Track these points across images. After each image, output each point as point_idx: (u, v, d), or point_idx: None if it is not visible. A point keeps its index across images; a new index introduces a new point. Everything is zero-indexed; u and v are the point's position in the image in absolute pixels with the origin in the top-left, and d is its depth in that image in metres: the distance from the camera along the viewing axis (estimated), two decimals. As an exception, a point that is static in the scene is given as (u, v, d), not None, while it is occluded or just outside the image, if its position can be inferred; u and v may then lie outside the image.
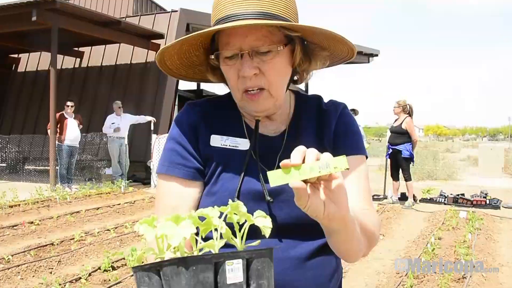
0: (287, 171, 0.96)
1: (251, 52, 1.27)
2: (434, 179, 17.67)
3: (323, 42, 1.40)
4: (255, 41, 1.26)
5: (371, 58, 23.02)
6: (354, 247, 1.25)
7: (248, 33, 1.26)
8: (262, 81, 1.29)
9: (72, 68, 18.12)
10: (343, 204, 1.04)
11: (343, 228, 1.13)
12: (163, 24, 16.14)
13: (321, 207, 1.02)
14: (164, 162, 1.40)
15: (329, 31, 1.27)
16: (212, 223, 0.90)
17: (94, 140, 15.54)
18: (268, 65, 1.28)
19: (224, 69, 1.34)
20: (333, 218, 1.04)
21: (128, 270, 5.53)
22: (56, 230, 7.76)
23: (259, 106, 1.33)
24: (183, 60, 1.44)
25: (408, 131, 10.57)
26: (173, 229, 0.83)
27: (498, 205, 10.58)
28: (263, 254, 0.88)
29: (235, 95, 1.36)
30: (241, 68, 1.27)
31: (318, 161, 0.96)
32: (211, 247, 0.88)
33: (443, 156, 28.98)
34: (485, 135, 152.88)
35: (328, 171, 0.95)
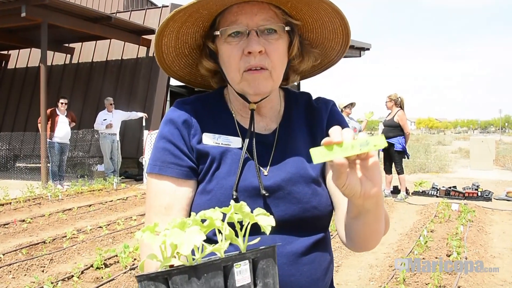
0: (330, 148, 0.98)
1: (258, 31, 1.31)
2: (426, 171, 17.75)
3: (318, 36, 1.46)
4: (263, 21, 1.31)
5: (363, 52, 23.02)
6: (380, 228, 1.27)
7: (257, 12, 1.31)
8: (266, 61, 1.32)
9: (63, 64, 18.00)
10: (378, 182, 1.06)
11: (375, 207, 1.14)
12: (154, 20, 16.07)
13: (358, 185, 1.04)
14: (156, 161, 1.38)
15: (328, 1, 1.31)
16: (215, 225, 0.89)
17: (86, 137, 15.48)
18: (273, 46, 1.32)
19: (225, 48, 1.34)
20: (368, 196, 1.06)
21: (121, 267, 5.51)
22: (48, 228, 7.73)
23: (259, 85, 1.34)
24: (178, 42, 1.43)
25: (400, 124, 10.59)
26: (182, 236, 0.81)
27: (489, 197, 10.63)
28: (268, 253, 0.89)
29: (234, 76, 1.35)
30: (248, 45, 1.30)
31: (358, 139, 0.98)
32: (217, 251, 0.87)
33: (435, 148, 29.10)
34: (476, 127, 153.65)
35: (368, 148, 0.97)
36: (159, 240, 0.82)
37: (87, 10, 14.29)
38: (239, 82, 1.35)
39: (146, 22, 16.01)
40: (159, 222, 1.32)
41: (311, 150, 0.99)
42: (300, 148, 1.42)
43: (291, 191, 1.35)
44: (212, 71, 1.48)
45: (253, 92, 1.36)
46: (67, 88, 17.03)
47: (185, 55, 1.49)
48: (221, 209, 0.91)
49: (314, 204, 1.36)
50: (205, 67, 1.47)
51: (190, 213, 1.36)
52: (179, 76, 1.57)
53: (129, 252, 5.71)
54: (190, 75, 1.57)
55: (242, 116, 1.45)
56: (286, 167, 1.38)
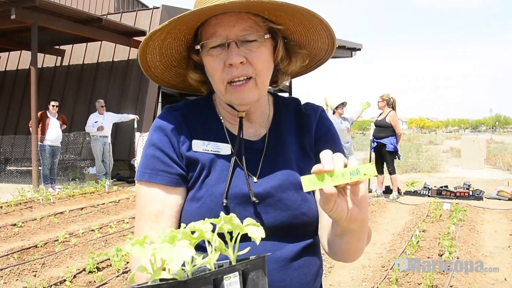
0: (320, 176, 0.99)
1: (237, 42, 1.29)
2: (418, 171, 17.82)
3: (302, 37, 1.45)
4: (241, 31, 1.30)
5: (354, 52, 23.08)
6: (362, 247, 1.29)
7: (235, 23, 1.30)
8: (249, 69, 1.31)
9: (53, 66, 17.90)
10: (365, 208, 1.07)
11: (359, 229, 1.16)
12: (145, 21, 16.03)
13: (345, 210, 1.04)
14: (145, 169, 1.37)
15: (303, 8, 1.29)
16: (205, 237, 0.88)
17: (77, 140, 15.39)
18: (254, 54, 1.31)
19: (208, 61, 1.34)
20: (354, 220, 1.06)
21: (114, 271, 5.50)
22: (40, 232, 7.69)
23: (245, 96, 1.33)
24: (163, 56, 1.43)
25: (392, 124, 10.63)
26: (171, 251, 0.81)
27: (481, 196, 10.70)
28: (258, 264, 0.89)
29: (219, 88, 1.35)
30: (228, 57, 1.29)
31: (348, 167, 0.99)
32: (207, 263, 0.87)
33: (427, 148, 29.24)
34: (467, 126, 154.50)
35: (358, 177, 0.98)
36: (148, 254, 0.81)
37: (78, 12, 14.23)
38: (224, 93, 1.35)
39: (137, 23, 15.97)
40: (149, 230, 1.33)
41: (301, 178, 1.00)
42: (290, 154, 1.43)
43: (281, 198, 1.35)
44: (201, 81, 1.48)
45: (239, 103, 1.36)
46: (58, 91, 16.94)
47: (174, 66, 1.49)
48: (210, 220, 0.90)
49: (304, 210, 1.37)
50: (193, 78, 1.47)
51: (180, 220, 1.37)
52: (173, 84, 1.57)
53: (121, 256, 5.69)
54: (184, 82, 1.57)
55: (231, 123, 1.45)
56: (276, 174, 1.38)
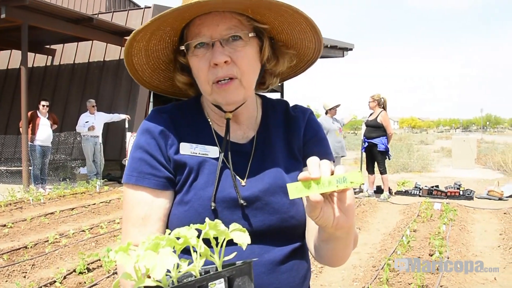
0: (307, 184, 0.98)
1: (222, 41, 1.28)
2: (409, 171, 17.89)
3: (289, 37, 1.44)
4: (226, 30, 1.29)
5: (346, 52, 23.13)
6: (348, 252, 1.29)
7: (219, 22, 1.29)
8: (234, 69, 1.30)
9: (44, 66, 17.82)
10: (351, 215, 1.06)
11: (345, 236, 1.16)
12: (137, 21, 15.99)
13: (331, 218, 1.04)
14: (132, 172, 1.36)
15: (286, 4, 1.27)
16: (190, 243, 0.88)
17: (68, 140, 15.33)
18: (239, 53, 1.30)
19: (193, 61, 1.33)
20: (340, 227, 1.06)
21: (104, 271, 5.47)
22: (30, 232, 7.65)
23: (230, 95, 1.33)
24: (150, 59, 1.42)
25: (383, 124, 10.65)
26: (154, 259, 0.80)
27: (471, 196, 10.76)
28: (243, 270, 0.89)
29: (205, 89, 1.34)
30: (213, 56, 1.28)
31: (335, 175, 0.99)
32: (192, 270, 0.87)
33: (418, 148, 29.35)
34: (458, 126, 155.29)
35: (345, 185, 0.98)
36: (132, 261, 0.81)
37: (69, 11, 14.16)
38: (210, 93, 1.34)
39: (129, 23, 15.92)
40: (137, 233, 1.33)
41: (287, 185, 0.99)
42: (278, 157, 1.42)
43: (269, 202, 1.35)
44: (188, 84, 1.47)
45: (225, 103, 1.35)
46: (48, 90, 16.87)
47: (162, 70, 1.48)
48: (196, 226, 0.90)
49: (292, 214, 1.36)
50: (180, 81, 1.46)
51: (167, 224, 1.36)
52: (162, 89, 1.55)
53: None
54: (173, 87, 1.55)
55: (219, 125, 1.44)
56: (264, 177, 1.38)
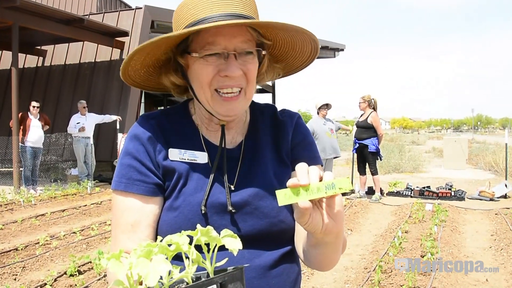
0: (295, 191, 0.99)
1: (236, 54, 1.29)
2: (400, 172, 17.94)
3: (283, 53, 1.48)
4: (241, 43, 1.30)
5: (337, 53, 23.20)
6: (337, 257, 1.30)
7: (237, 34, 1.30)
8: (242, 81, 1.32)
9: (35, 67, 17.75)
10: (340, 221, 1.07)
11: (334, 241, 1.16)
12: (128, 22, 15.94)
13: (320, 223, 1.05)
14: (121, 178, 1.36)
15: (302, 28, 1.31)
16: (182, 249, 0.88)
17: (59, 141, 15.25)
18: (249, 66, 1.32)
19: (200, 66, 1.31)
20: (329, 233, 1.07)
21: (95, 274, 5.45)
22: (21, 234, 7.60)
23: (234, 109, 1.34)
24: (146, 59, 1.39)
25: (373, 125, 10.67)
26: (147, 266, 0.80)
27: (462, 196, 10.79)
28: (236, 276, 0.89)
29: (204, 94, 1.33)
30: (227, 68, 1.28)
31: (324, 181, 0.99)
32: (185, 276, 0.87)
33: (409, 148, 29.46)
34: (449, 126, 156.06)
35: (333, 192, 0.98)
36: (125, 269, 0.80)
37: (59, 12, 14.10)
38: (210, 99, 1.34)
39: (120, 24, 15.88)
40: (126, 240, 1.32)
41: (276, 192, 1.00)
42: (266, 161, 1.43)
43: (258, 206, 1.35)
44: (177, 85, 1.45)
45: (225, 115, 1.35)
46: (39, 91, 16.79)
47: (148, 65, 1.44)
48: (187, 232, 0.90)
49: (281, 218, 1.37)
50: (171, 81, 1.44)
51: (157, 230, 1.36)
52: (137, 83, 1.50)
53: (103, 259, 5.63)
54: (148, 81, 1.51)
55: (208, 130, 1.44)
56: (253, 182, 1.38)
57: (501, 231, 7.47)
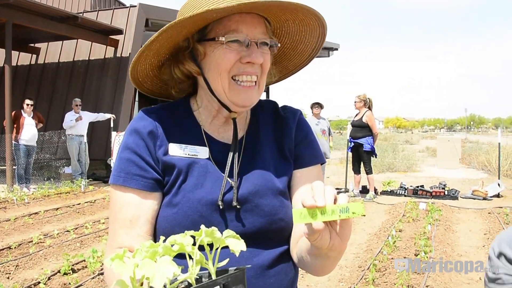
0: (311, 211, 1.00)
1: (258, 43, 1.32)
2: (394, 171, 17.98)
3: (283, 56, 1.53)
4: (261, 34, 1.33)
5: (331, 52, 23.21)
6: (334, 267, 1.31)
7: (257, 25, 1.32)
8: (259, 71, 1.33)
9: (28, 64, 17.67)
10: (346, 239, 1.08)
11: (336, 256, 1.18)
12: (122, 19, 15.89)
13: (327, 241, 1.06)
14: (120, 173, 1.34)
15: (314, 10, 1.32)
16: (186, 250, 0.88)
17: (53, 139, 15.19)
18: (266, 58, 1.34)
19: (222, 52, 1.30)
20: (334, 250, 1.08)
21: (89, 272, 5.43)
22: (14, 232, 7.57)
23: (250, 98, 1.34)
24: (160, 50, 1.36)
25: (369, 124, 10.69)
26: (153, 268, 0.80)
27: (456, 195, 10.84)
28: (238, 277, 0.90)
29: (221, 81, 1.32)
30: (251, 55, 1.30)
31: (339, 204, 1.00)
32: (189, 278, 0.87)
33: (403, 148, 29.52)
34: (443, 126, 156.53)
35: (347, 215, 0.99)
36: (130, 270, 0.80)
37: (53, 9, 14.03)
38: (226, 89, 1.33)
39: (114, 22, 15.81)
40: (124, 235, 1.31)
41: (293, 211, 1.02)
42: (267, 157, 1.42)
43: (259, 204, 1.34)
44: (187, 75, 1.42)
45: (241, 105, 1.35)
46: (33, 89, 16.73)
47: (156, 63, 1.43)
48: (191, 233, 0.90)
49: (281, 216, 1.36)
50: (185, 69, 1.39)
51: (155, 226, 1.35)
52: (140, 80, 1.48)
53: (97, 257, 5.62)
54: (153, 84, 1.52)
55: (210, 125, 1.43)
56: (253, 179, 1.37)
57: (494, 230, 7.50)
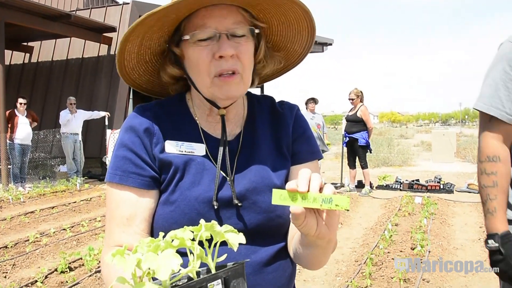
0: (292, 195, 1.00)
1: (228, 34, 1.27)
2: (390, 165, 18.01)
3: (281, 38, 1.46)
4: (233, 24, 1.29)
5: (325, 47, 23.19)
6: (326, 259, 1.32)
7: (227, 15, 1.28)
8: (238, 64, 1.29)
9: (22, 63, 17.60)
10: (334, 227, 1.08)
11: (326, 245, 1.17)
12: (115, 17, 15.82)
13: (314, 227, 1.05)
14: (116, 170, 1.33)
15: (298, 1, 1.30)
16: (186, 245, 0.88)
17: (47, 137, 15.15)
18: (243, 48, 1.30)
19: (194, 52, 1.30)
20: (322, 237, 1.07)
21: (86, 270, 5.42)
22: (10, 232, 7.55)
23: (232, 90, 1.31)
24: (141, 50, 1.38)
25: (363, 119, 10.70)
26: (157, 261, 0.80)
27: (451, 189, 10.87)
28: (238, 271, 0.91)
29: (204, 81, 1.31)
30: (220, 48, 1.26)
31: (322, 194, 0.99)
32: (191, 272, 0.88)
33: (398, 142, 29.58)
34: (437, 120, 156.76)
35: (329, 206, 0.98)
36: (132, 264, 0.80)
37: (46, 8, 13.94)
38: (209, 86, 1.31)
39: (107, 19, 15.76)
40: (121, 233, 1.30)
41: (273, 191, 1.01)
42: (265, 154, 1.41)
43: (256, 201, 1.34)
44: (175, 77, 1.44)
45: (224, 97, 1.33)
46: (26, 88, 16.66)
47: (146, 61, 1.44)
48: (190, 228, 0.90)
49: (278, 213, 1.36)
50: (169, 73, 1.41)
51: (152, 224, 1.34)
52: (137, 84, 1.51)
53: (94, 255, 5.61)
54: (148, 83, 1.52)
55: (206, 122, 1.42)
56: (251, 176, 1.36)
57: (490, 223, 7.52)
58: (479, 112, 1.95)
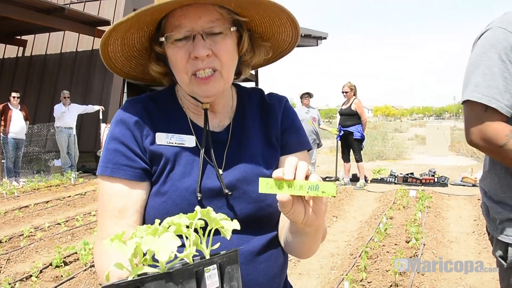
0: (278, 183, 1.01)
1: (203, 34, 1.27)
2: (384, 159, 18.05)
3: (267, 30, 1.45)
4: (207, 23, 1.28)
5: (320, 41, 23.18)
6: (315, 247, 1.33)
7: (201, 15, 1.28)
8: (215, 62, 1.30)
9: (15, 57, 17.50)
10: (321, 214, 1.09)
11: (314, 233, 1.19)
12: (109, 10, 15.77)
13: (302, 215, 1.06)
14: (107, 163, 1.34)
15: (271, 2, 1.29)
16: (182, 231, 0.88)
17: (41, 132, 15.10)
18: (220, 46, 1.30)
19: (172, 52, 1.31)
20: (310, 225, 1.09)
21: (81, 264, 5.42)
22: (4, 226, 7.53)
23: (211, 89, 1.32)
24: (125, 47, 1.39)
25: (358, 112, 10.71)
26: (157, 243, 0.82)
27: (445, 182, 10.91)
28: (232, 257, 0.92)
29: (182, 79, 1.33)
30: (194, 49, 1.27)
31: (308, 181, 1.00)
32: (187, 257, 0.88)
33: (392, 136, 29.63)
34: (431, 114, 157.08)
35: (315, 193, 0.99)
36: (131, 248, 0.81)
37: (40, 1, 13.81)
38: (188, 84, 1.33)
39: (101, 13, 15.69)
40: (114, 226, 1.31)
41: (260, 179, 1.02)
42: (254, 144, 1.43)
43: (246, 191, 1.35)
44: (163, 73, 1.45)
45: (203, 95, 1.34)
46: (20, 82, 16.57)
47: (135, 57, 1.46)
48: (186, 215, 0.91)
49: (269, 202, 1.37)
50: (154, 70, 1.44)
51: (144, 215, 1.35)
52: (133, 76, 1.53)
53: (89, 249, 5.60)
54: (144, 73, 1.53)
55: (195, 114, 1.44)
56: (241, 166, 1.38)
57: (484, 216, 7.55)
58: (469, 102, 1.84)
